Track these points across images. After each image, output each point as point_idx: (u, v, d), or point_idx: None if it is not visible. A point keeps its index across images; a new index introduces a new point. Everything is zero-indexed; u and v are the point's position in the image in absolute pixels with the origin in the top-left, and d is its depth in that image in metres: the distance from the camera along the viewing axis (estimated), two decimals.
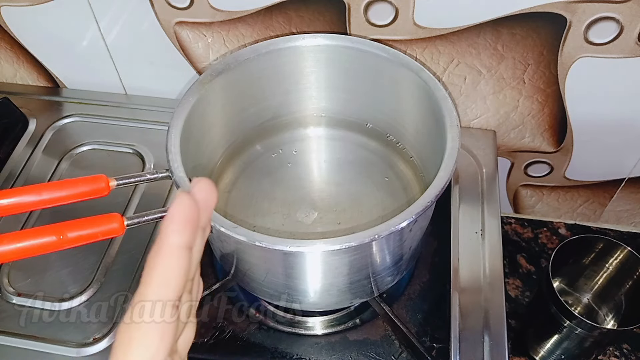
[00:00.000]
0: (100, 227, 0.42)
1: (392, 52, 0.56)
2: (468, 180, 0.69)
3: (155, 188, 0.70)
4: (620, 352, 0.73)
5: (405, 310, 0.60)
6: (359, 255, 0.47)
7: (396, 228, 0.43)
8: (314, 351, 0.57)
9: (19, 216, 0.67)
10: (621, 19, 0.58)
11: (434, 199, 0.45)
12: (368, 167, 0.63)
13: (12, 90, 0.83)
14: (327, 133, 0.66)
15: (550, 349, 0.69)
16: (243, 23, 0.68)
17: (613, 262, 0.67)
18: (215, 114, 0.58)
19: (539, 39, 0.62)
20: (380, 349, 0.57)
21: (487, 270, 0.61)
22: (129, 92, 0.82)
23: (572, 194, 0.81)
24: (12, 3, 0.72)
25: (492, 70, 0.67)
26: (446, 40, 0.64)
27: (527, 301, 0.77)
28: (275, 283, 0.52)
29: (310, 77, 0.61)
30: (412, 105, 0.58)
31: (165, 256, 0.24)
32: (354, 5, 0.63)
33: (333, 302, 0.55)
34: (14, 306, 0.61)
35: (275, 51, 0.58)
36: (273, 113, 0.64)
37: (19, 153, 0.75)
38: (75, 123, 0.79)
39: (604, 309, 0.72)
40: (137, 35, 0.73)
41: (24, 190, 0.43)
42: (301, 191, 0.61)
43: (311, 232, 0.58)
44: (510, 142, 0.75)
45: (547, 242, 0.83)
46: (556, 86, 0.67)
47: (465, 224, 0.65)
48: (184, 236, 0.24)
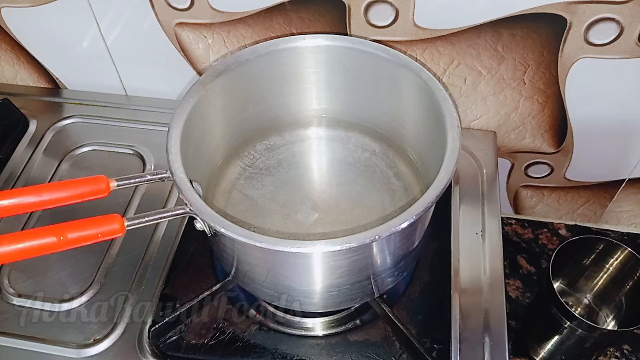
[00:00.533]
0: (100, 228, 0.42)
1: (393, 52, 0.56)
2: (468, 181, 0.69)
3: (156, 189, 0.70)
4: (621, 353, 0.73)
5: (406, 311, 0.60)
6: (359, 256, 0.47)
7: (397, 229, 0.43)
8: (314, 352, 0.57)
9: (20, 217, 0.67)
10: (621, 19, 0.58)
11: (434, 200, 0.45)
12: (368, 167, 0.63)
13: (12, 92, 0.83)
14: (328, 134, 0.66)
15: (550, 350, 0.69)
16: (243, 24, 0.68)
17: (613, 262, 0.67)
18: (215, 114, 0.58)
19: (539, 40, 0.62)
20: (380, 350, 0.57)
21: (487, 271, 0.61)
22: (129, 93, 0.82)
23: (573, 195, 0.81)
24: (12, 4, 0.72)
25: (493, 71, 0.67)
26: (446, 41, 0.64)
27: (527, 302, 0.77)
28: (275, 284, 0.52)
29: (311, 77, 0.62)
30: (413, 106, 0.58)
31: None
32: (354, 6, 0.63)
33: (333, 303, 0.55)
34: (14, 307, 0.61)
35: (276, 52, 0.58)
36: (273, 114, 0.64)
37: (20, 154, 0.75)
38: (75, 124, 0.79)
39: (604, 310, 0.72)
40: (137, 37, 0.73)
41: (25, 191, 0.43)
42: (302, 192, 0.61)
43: (312, 232, 0.58)
44: (510, 142, 0.75)
45: (548, 242, 0.83)
46: (556, 87, 0.67)
47: (465, 225, 0.65)
48: None
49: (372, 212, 0.59)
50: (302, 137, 0.66)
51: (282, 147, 0.65)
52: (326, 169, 0.65)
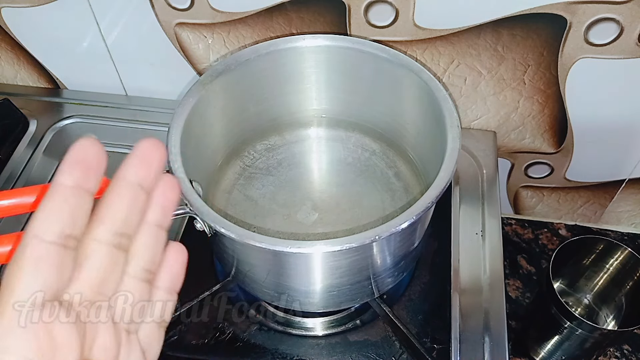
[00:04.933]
0: None
1: (393, 52, 0.56)
2: (468, 181, 0.69)
3: None
4: (621, 353, 0.73)
5: (406, 311, 0.60)
6: (359, 256, 0.47)
7: (397, 229, 0.43)
8: (314, 352, 0.57)
9: (20, 217, 0.67)
10: (621, 19, 0.58)
11: (434, 200, 0.45)
12: (368, 168, 0.63)
13: (12, 92, 0.83)
14: (328, 134, 0.66)
15: (550, 350, 0.69)
16: (243, 24, 0.68)
17: (613, 263, 0.67)
18: (215, 114, 0.58)
19: (539, 40, 0.62)
20: (380, 350, 0.57)
21: (487, 271, 0.61)
22: (129, 93, 0.82)
23: (573, 195, 0.81)
24: (12, 4, 0.72)
25: (493, 71, 0.67)
26: (446, 41, 0.64)
27: (527, 302, 0.77)
28: (275, 284, 0.52)
29: (311, 77, 0.62)
30: (413, 106, 0.58)
31: (51, 193, 0.23)
32: (354, 6, 0.63)
33: (333, 303, 0.55)
34: None
35: (276, 52, 0.58)
36: (273, 114, 0.64)
37: (20, 154, 0.75)
38: (75, 124, 0.79)
39: (604, 310, 0.72)
40: (137, 37, 0.73)
41: (25, 191, 0.43)
42: (302, 192, 0.61)
43: (312, 232, 0.58)
44: (510, 143, 0.75)
45: (548, 243, 0.83)
46: (556, 87, 0.67)
47: (465, 225, 0.65)
48: (70, 175, 0.23)
49: (372, 212, 0.59)
50: (302, 137, 0.66)
51: (282, 147, 0.65)
52: (326, 169, 0.65)
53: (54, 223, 0.23)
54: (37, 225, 0.23)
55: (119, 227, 0.25)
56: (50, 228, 0.23)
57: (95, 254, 0.24)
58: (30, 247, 0.22)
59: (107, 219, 0.24)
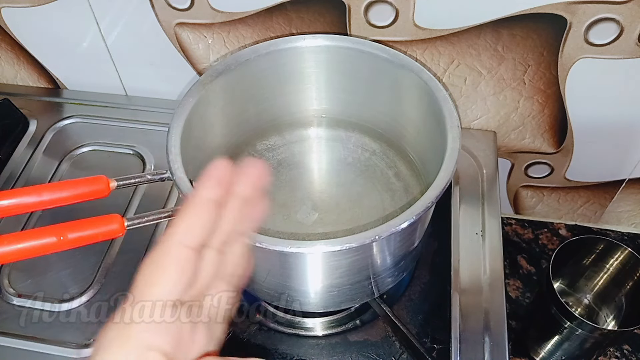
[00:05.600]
0: (100, 228, 0.42)
1: (393, 52, 0.56)
2: (468, 181, 0.69)
3: (156, 189, 0.70)
4: (621, 353, 0.73)
5: (406, 311, 0.60)
6: (359, 256, 0.47)
7: (397, 229, 0.43)
8: (314, 352, 0.57)
9: (20, 217, 0.67)
10: (621, 20, 0.58)
11: (434, 200, 0.45)
12: (368, 168, 0.63)
13: (12, 92, 0.83)
14: (328, 134, 0.66)
15: (550, 350, 0.69)
16: (243, 24, 0.68)
17: (613, 263, 0.67)
18: (215, 114, 0.58)
19: (539, 40, 0.62)
20: (380, 350, 0.57)
21: (487, 271, 0.61)
22: (129, 93, 0.82)
23: (573, 195, 0.81)
24: (12, 4, 0.72)
25: (493, 71, 0.67)
26: (446, 41, 0.64)
27: (527, 302, 0.77)
28: (275, 284, 0.52)
29: (311, 78, 0.62)
30: (413, 106, 0.58)
31: (191, 205, 0.27)
32: (354, 7, 0.63)
33: (333, 303, 0.55)
34: (14, 307, 0.61)
35: (276, 52, 0.58)
36: (273, 114, 0.64)
37: (20, 154, 0.75)
38: (75, 124, 0.79)
39: (604, 310, 0.72)
40: (137, 37, 0.73)
41: (25, 191, 0.43)
42: (302, 192, 0.61)
43: (312, 233, 0.58)
44: (510, 143, 0.75)
45: (548, 243, 0.83)
46: (556, 87, 0.67)
47: (465, 225, 0.65)
48: (211, 190, 0.27)
49: (372, 212, 0.59)
50: (302, 137, 0.66)
51: (282, 147, 0.65)
52: (326, 169, 0.65)
53: (197, 231, 0.26)
54: (182, 232, 0.26)
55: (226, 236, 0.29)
56: (193, 236, 0.26)
57: (208, 259, 0.28)
58: (175, 251, 0.25)
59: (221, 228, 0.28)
